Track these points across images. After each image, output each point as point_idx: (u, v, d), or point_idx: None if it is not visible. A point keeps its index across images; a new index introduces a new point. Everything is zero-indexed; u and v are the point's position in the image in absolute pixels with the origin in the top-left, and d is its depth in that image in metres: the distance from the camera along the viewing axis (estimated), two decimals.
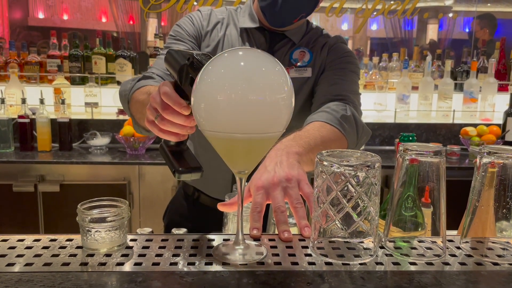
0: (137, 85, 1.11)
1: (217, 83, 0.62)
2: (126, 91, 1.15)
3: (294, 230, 0.94)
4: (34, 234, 0.76)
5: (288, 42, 1.26)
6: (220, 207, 0.84)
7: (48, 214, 2.32)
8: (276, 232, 0.93)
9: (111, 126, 2.73)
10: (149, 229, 1.10)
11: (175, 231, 1.15)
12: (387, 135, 2.85)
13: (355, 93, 1.22)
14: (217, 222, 1.21)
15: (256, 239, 0.76)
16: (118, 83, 2.74)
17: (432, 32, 3.91)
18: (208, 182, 1.32)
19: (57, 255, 0.68)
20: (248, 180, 0.86)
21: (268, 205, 1.07)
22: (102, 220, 0.69)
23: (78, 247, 0.71)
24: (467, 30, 3.76)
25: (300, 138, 0.96)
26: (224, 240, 0.76)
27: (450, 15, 3.70)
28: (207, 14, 1.29)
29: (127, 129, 2.47)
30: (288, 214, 1.02)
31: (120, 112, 2.76)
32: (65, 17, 3.85)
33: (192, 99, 0.64)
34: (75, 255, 0.68)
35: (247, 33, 1.26)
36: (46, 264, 0.65)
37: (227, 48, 1.23)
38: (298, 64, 1.24)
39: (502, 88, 2.95)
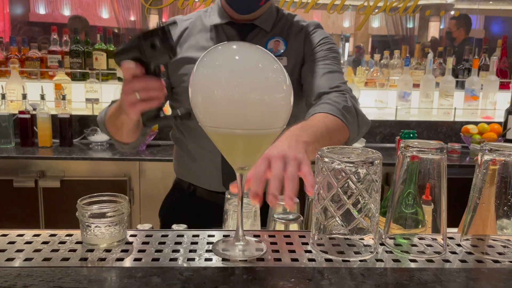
0: (108, 109, 1.17)
1: (217, 78, 0.61)
2: (102, 116, 1.20)
3: (294, 227, 0.94)
4: (34, 229, 0.76)
5: (259, 32, 1.26)
6: (232, 188, 0.84)
7: (49, 210, 2.33)
8: (277, 228, 0.93)
9: None
10: (149, 225, 1.10)
11: (175, 227, 1.15)
12: (387, 132, 2.84)
13: (346, 82, 1.23)
14: (214, 215, 1.21)
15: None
16: (119, 79, 2.74)
17: (434, 29, 3.90)
18: (203, 176, 1.32)
19: (56, 250, 0.68)
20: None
21: (267, 206, 1.07)
22: (102, 215, 0.69)
23: (78, 243, 0.71)
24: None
25: (308, 128, 0.96)
26: (224, 236, 0.76)
27: (452, 12, 3.68)
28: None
29: None
30: (288, 210, 1.02)
31: None
32: (66, 12, 3.85)
33: (190, 93, 0.64)
34: (74, 250, 0.68)
35: (216, 30, 1.26)
36: (45, 259, 0.65)
37: (198, 51, 1.23)
38: (273, 53, 1.23)
39: (503, 86, 2.94)
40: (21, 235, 0.73)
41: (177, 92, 1.27)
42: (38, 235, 0.73)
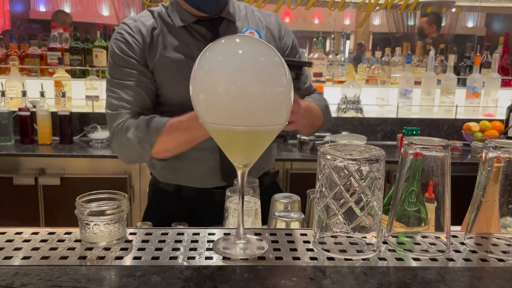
0: (158, 126, 1.14)
1: (218, 73, 0.60)
2: (148, 136, 1.14)
3: (295, 225, 0.93)
4: (33, 227, 0.75)
5: (228, 24, 1.25)
6: None
7: (49, 208, 2.32)
8: (278, 226, 0.92)
9: None
10: (150, 223, 1.09)
11: (175, 224, 1.14)
12: (389, 130, 2.83)
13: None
14: (204, 212, 1.19)
15: (257, 235, 0.75)
16: None
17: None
18: (192, 174, 1.30)
19: (55, 249, 0.67)
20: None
21: (268, 204, 1.06)
22: (101, 213, 0.68)
23: (76, 241, 0.70)
24: (471, 24, 3.73)
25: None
26: (224, 234, 0.75)
27: (453, 10, 3.66)
28: (136, 26, 1.21)
29: None
30: (289, 208, 1.02)
31: None
32: (67, 9, 3.83)
33: (190, 90, 0.63)
34: (73, 249, 0.67)
35: (186, 30, 1.23)
36: (43, 258, 0.64)
37: (175, 51, 1.20)
38: None
39: (505, 83, 2.93)
40: (20, 233, 0.72)
41: (162, 94, 1.23)
42: (36, 233, 0.72)
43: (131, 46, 1.19)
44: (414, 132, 0.87)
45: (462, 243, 0.74)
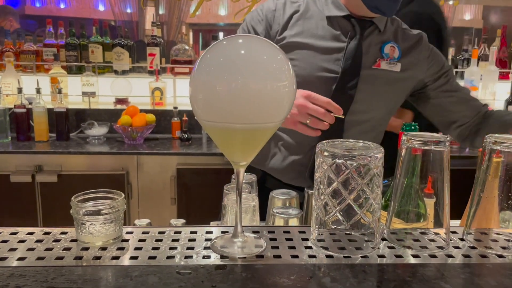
0: None
1: (216, 72, 0.59)
2: None
3: (294, 221, 0.92)
4: (30, 226, 0.74)
5: (374, 30, 1.25)
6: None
7: (46, 205, 2.31)
8: (276, 223, 0.91)
9: (108, 116, 2.70)
10: (147, 220, 1.08)
11: (173, 222, 1.14)
12: None
13: None
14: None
15: (255, 232, 0.75)
16: (115, 72, 2.71)
17: None
18: (279, 165, 1.30)
19: (50, 249, 0.66)
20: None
21: (266, 201, 1.06)
22: (97, 212, 0.67)
23: (72, 241, 0.69)
24: (468, 17, 3.71)
25: None
26: (222, 232, 0.74)
27: (451, 2, 3.65)
28: (282, 5, 1.26)
29: (125, 118, 2.44)
30: (287, 204, 1.01)
31: (118, 101, 2.73)
32: (62, 5, 3.80)
33: (189, 88, 0.62)
34: (69, 249, 0.66)
35: (331, 21, 1.24)
36: (39, 258, 0.63)
37: (311, 37, 1.23)
38: (389, 59, 1.25)
39: (503, 76, 2.92)
40: (15, 233, 0.71)
41: None
42: (32, 233, 0.71)
43: (262, 19, 1.26)
44: (413, 127, 0.86)
45: (462, 239, 0.74)
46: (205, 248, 0.68)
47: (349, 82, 1.21)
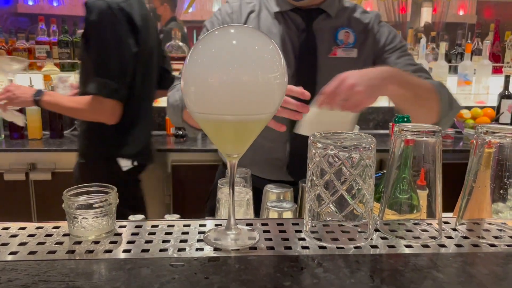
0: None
1: (207, 63, 0.59)
2: (178, 101, 1.18)
3: (288, 214, 0.92)
4: (21, 222, 0.74)
5: (325, 18, 1.24)
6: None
7: (40, 203, 2.30)
8: (270, 216, 0.92)
9: None
10: (141, 216, 1.08)
11: (167, 217, 1.13)
12: (381, 118, 2.83)
13: (429, 73, 1.30)
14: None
15: (249, 224, 0.75)
16: None
17: (427, 14, 3.87)
18: (261, 164, 1.30)
19: (43, 243, 0.66)
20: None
21: (260, 193, 1.06)
22: (89, 206, 0.67)
23: (65, 235, 0.69)
24: (461, 12, 3.72)
25: (402, 73, 1.08)
26: (216, 225, 0.74)
27: None
28: (238, 6, 1.26)
29: None
30: (281, 198, 1.01)
31: None
32: (55, 3, 3.78)
33: (181, 80, 0.62)
34: (61, 243, 0.66)
35: (281, 16, 1.24)
36: (31, 253, 0.63)
37: (272, 35, 1.22)
38: (344, 45, 1.23)
39: (496, 70, 2.93)
40: (7, 228, 0.71)
41: None
42: (24, 228, 0.71)
43: (221, 22, 1.25)
44: (405, 119, 0.87)
45: (454, 229, 0.74)
46: (198, 241, 0.68)
47: (307, 76, 1.20)
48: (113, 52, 1.57)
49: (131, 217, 1.08)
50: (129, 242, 0.67)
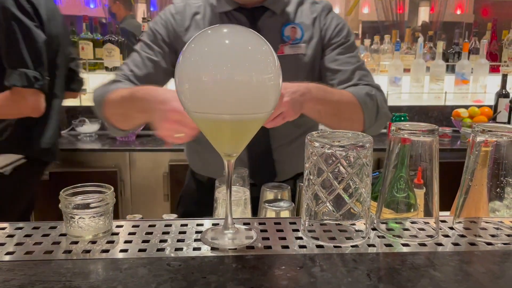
0: (109, 89, 1.12)
1: (203, 62, 0.59)
2: (99, 96, 1.15)
3: (285, 214, 0.92)
4: (17, 222, 0.73)
5: (271, 15, 1.20)
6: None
7: (38, 203, 2.29)
8: (268, 215, 0.91)
9: None
10: (139, 216, 1.08)
11: (165, 216, 1.13)
12: None
13: (370, 74, 1.25)
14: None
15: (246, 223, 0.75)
16: (107, 68, 2.69)
17: (424, 13, 3.88)
18: (219, 169, 1.27)
19: (39, 243, 0.66)
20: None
21: (258, 193, 1.06)
22: (86, 206, 0.67)
23: (62, 235, 0.69)
24: (459, 12, 3.73)
25: (321, 88, 1.04)
26: (213, 224, 0.74)
27: None
28: (182, 7, 1.22)
29: None
30: (279, 197, 1.01)
31: None
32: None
33: (175, 80, 0.62)
34: (58, 243, 0.66)
35: (226, 17, 1.20)
36: (27, 253, 0.63)
37: None
38: (291, 41, 1.20)
39: (493, 69, 2.94)
40: (3, 229, 0.71)
41: None
42: (20, 228, 0.71)
43: (165, 27, 1.21)
44: (402, 118, 0.87)
45: (451, 228, 0.74)
46: (195, 240, 0.68)
47: None
48: (25, 41, 1.51)
49: (128, 216, 1.08)
50: (126, 241, 0.67)
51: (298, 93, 0.95)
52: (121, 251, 0.64)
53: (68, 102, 2.67)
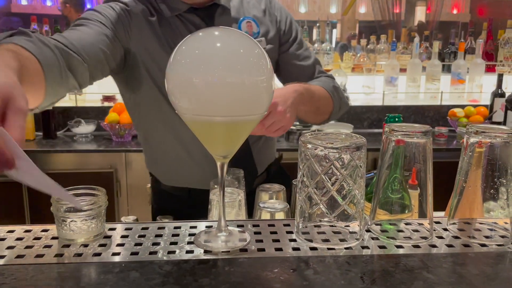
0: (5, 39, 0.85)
1: (195, 64, 0.59)
2: None
3: (280, 215, 0.92)
4: (8, 225, 0.73)
5: (223, 12, 1.15)
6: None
7: (34, 205, 2.28)
8: (262, 217, 0.91)
9: (96, 114, 2.67)
10: (134, 217, 1.07)
11: (159, 219, 1.13)
12: (375, 118, 2.83)
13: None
14: (204, 201, 1.12)
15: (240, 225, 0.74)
16: None
17: (420, 13, 3.88)
18: (199, 176, 1.19)
19: (31, 247, 0.65)
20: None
21: (253, 194, 1.05)
22: (78, 209, 0.66)
23: (53, 238, 0.68)
24: (455, 11, 3.74)
25: (309, 91, 1.08)
26: (206, 227, 0.74)
27: None
28: (125, 7, 1.09)
29: (112, 116, 2.42)
30: (274, 198, 1.01)
31: (105, 99, 2.71)
32: (48, 3, 3.76)
33: (166, 82, 0.61)
34: (50, 246, 0.65)
35: (179, 19, 1.12)
36: (18, 257, 0.62)
37: (173, 42, 1.08)
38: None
39: (489, 69, 2.94)
40: None
41: (147, 80, 1.14)
42: (12, 231, 0.70)
43: (117, 19, 1.06)
44: (397, 119, 0.87)
45: (445, 229, 0.74)
46: (188, 243, 0.68)
47: None
48: None
49: (123, 218, 1.07)
50: (118, 245, 0.66)
51: (290, 101, 0.98)
52: (113, 254, 0.64)
53: (64, 103, 2.67)
